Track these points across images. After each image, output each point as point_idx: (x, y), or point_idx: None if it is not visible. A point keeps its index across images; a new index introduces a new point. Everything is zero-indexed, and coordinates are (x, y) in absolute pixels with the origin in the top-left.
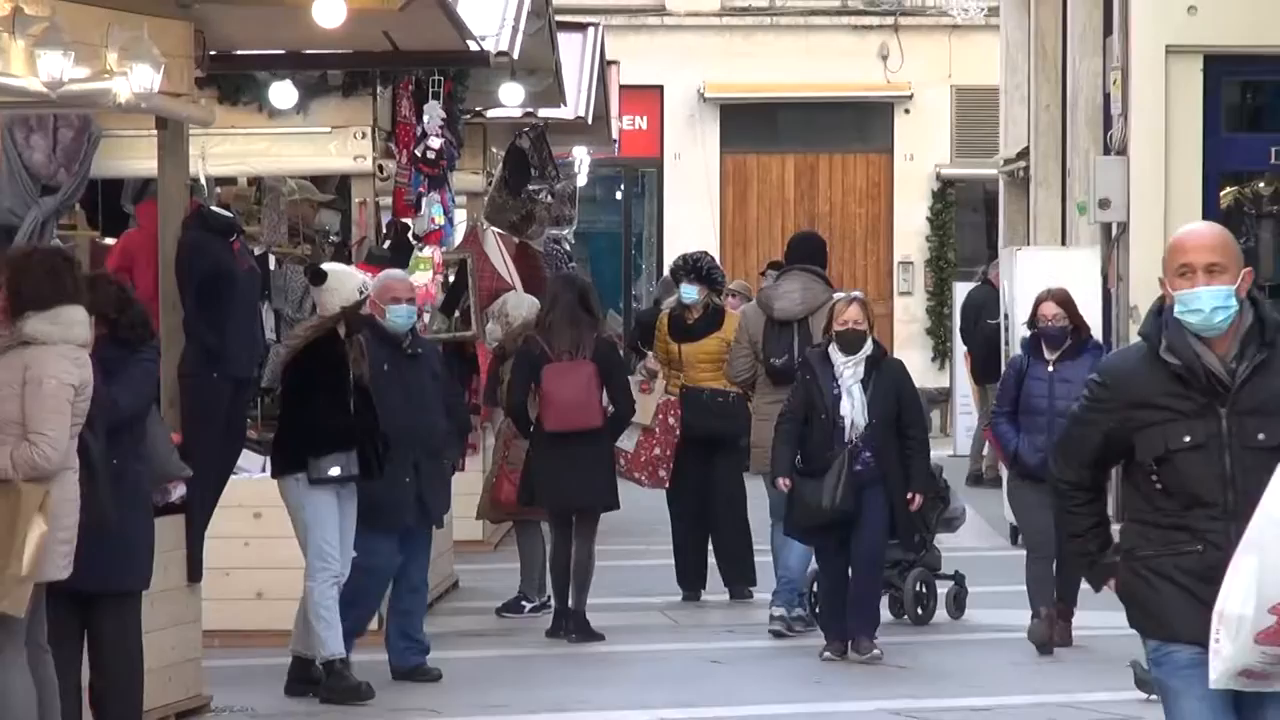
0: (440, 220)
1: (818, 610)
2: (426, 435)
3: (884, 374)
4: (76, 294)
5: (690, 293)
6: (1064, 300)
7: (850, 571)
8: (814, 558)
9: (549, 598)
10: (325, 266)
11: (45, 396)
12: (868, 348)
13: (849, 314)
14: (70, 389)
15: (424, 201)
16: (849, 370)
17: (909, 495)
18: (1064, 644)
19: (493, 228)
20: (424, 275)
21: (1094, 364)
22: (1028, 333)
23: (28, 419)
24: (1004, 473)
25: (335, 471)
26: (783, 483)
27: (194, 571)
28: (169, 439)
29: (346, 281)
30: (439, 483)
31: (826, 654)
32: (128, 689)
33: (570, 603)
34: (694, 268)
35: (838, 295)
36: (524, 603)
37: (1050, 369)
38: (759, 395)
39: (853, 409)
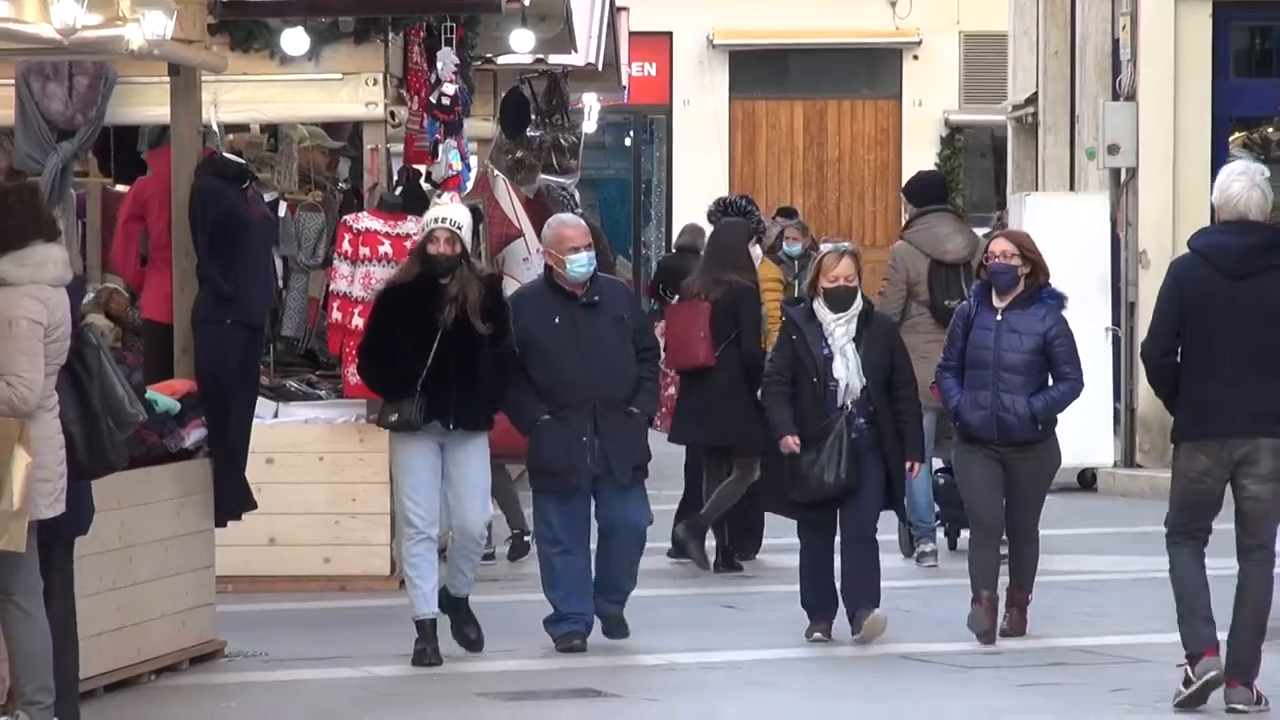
0: (458, 166)
1: (843, 591)
2: (605, 387)
3: (875, 332)
4: (48, 231)
5: None
6: (1020, 240)
7: (845, 545)
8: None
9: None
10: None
11: (17, 338)
12: (858, 304)
13: (839, 269)
14: (39, 327)
15: (441, 148)
16: (840, 329)
17: (908, 464)
18: (1016, 633)
19: (501, 176)
20: None
21: (1049, 315)
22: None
23: (1, 360)
24: None
25: (393, 418)
26: (792, 441)
27: (221, 514)
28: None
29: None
30: (624, 436)
31: (816, 635)
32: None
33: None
34: (728, 211)
35: (825, 247)
36: (526, 539)
37: (999, 318)
38: (917, 334)
39: (847, 371)
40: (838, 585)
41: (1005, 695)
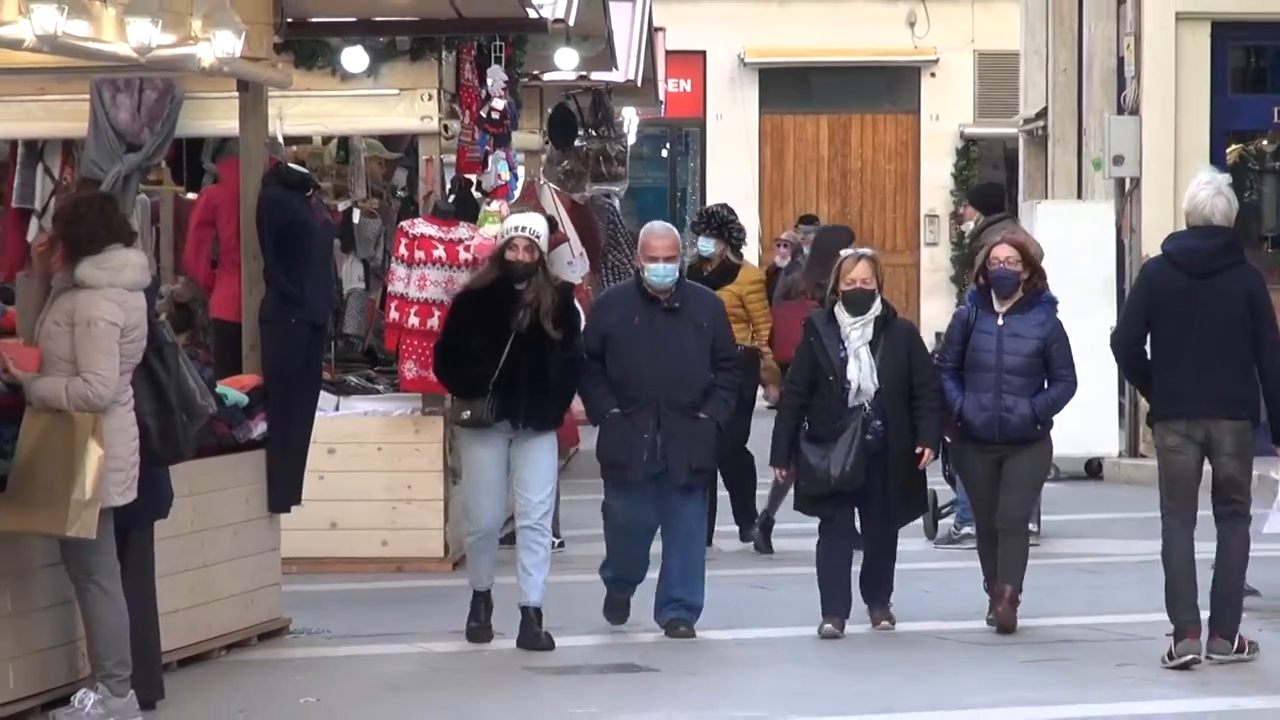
0: (506, 176)
1: (860, 581)
2: (672, 388)
3: (893, 336)
4: (125, 237)
5: (707, 245)
6: (1021, 245)
7: (865, 545)
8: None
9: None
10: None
11: (95, 337)
12: (876, 308)
13: (857, 272)
14: (116, 329)
15: (490, 159)
16: (856, 332)
17: (918, 450)
18: (1005, 627)
19: (549, 183)
20: (492, 228)
21: (1048, 319)
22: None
23: (80, 358)
24: None
25: (465, 415)
26: (778, 473)
27: (276, 503)
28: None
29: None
30: (686, 438)
31: (827, 626)
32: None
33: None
34: (709, 220)
35: (845, 252)
36: (554, 539)
37: (1000, 322)
38: None
39: (860, 373)
40: (854, 585)
41: (1016, 670)
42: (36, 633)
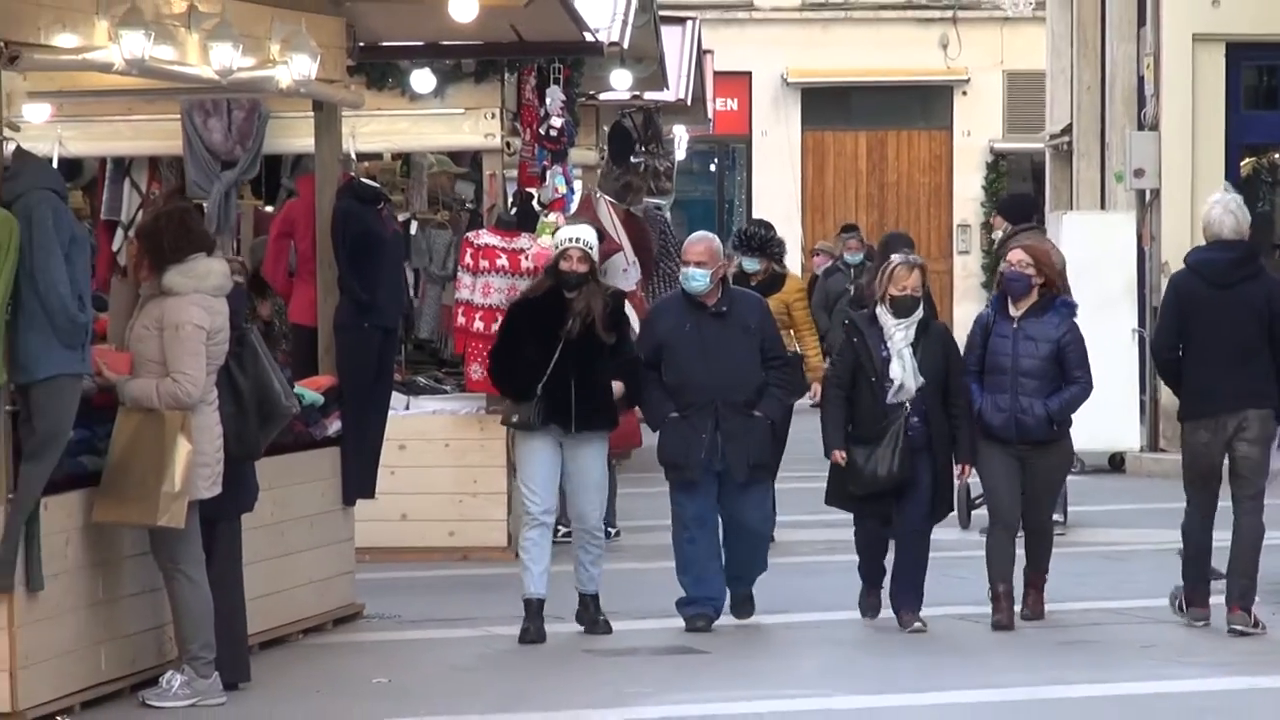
0: (563, 190)
1: (892, 580)
2: (727, 390)
3: (932, 338)
4: (206, 246)
5: (752, 264)
6: (1036, 251)
7: (898, 540)
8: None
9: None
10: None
11: (183, 340)
12: (918, 312)
13: (910, 281)
14: (203, 332)
15: (548, 174)
16: (900, 333)
17: (956, 465)
18: (1036, 616)
19: (604, 196)
20: (548, 238)
21: (1063, 322)
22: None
23: (169, 360)
24: None
25: (515, 419)
26: (838, 455)
27: (350, 496)
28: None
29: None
30: (744, 436)
31: (870, 600)
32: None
33: None
34: (749, 241)
35: (896, 259)
36: (609, 529)
37: (1015, 326)
38: None
39: (903, 371)
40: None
41: (1047, 652)
42: (126, 618)
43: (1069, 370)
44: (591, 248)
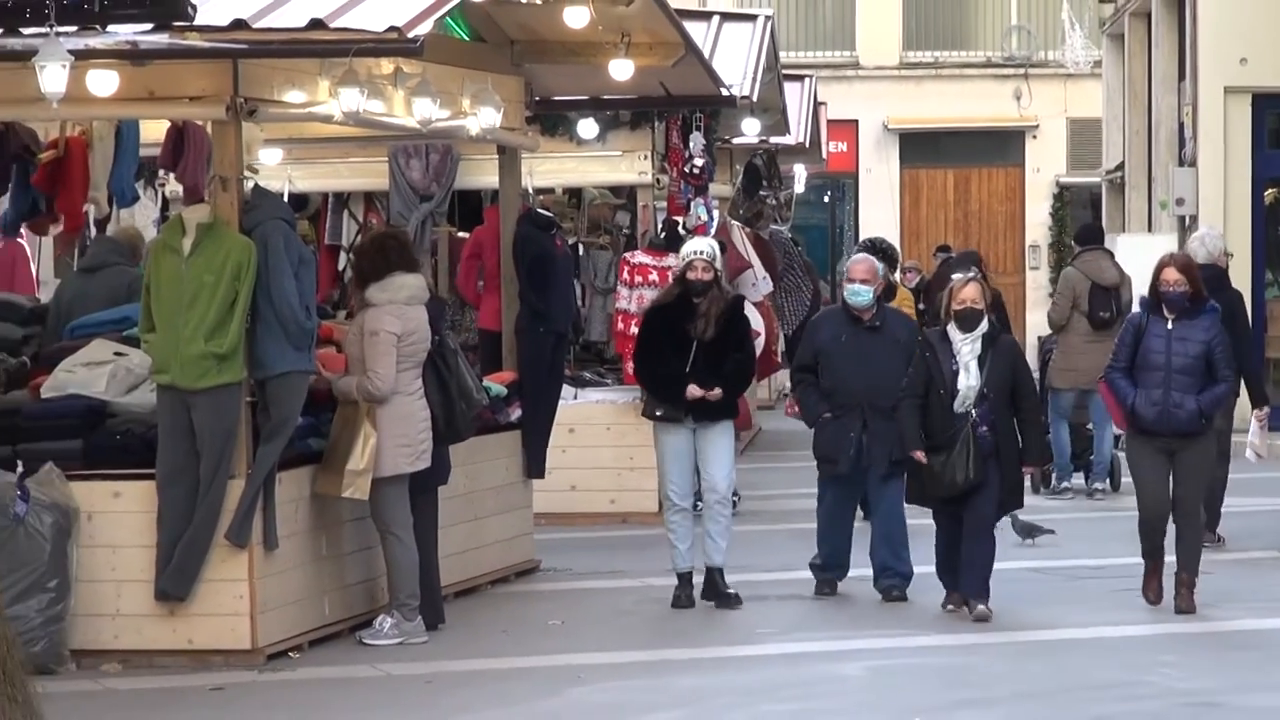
0: (704, 217)
1: (961, 570)
2: (874, 395)
3: (1000, 351)
4: (404, 264)
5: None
6: (1185, 267)
7: (965, 537)
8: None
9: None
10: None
11: (377, 344)
12: (984, 325)
13: (966, 293)
14: (394, 336)
15: (692, 204)
16: (966, 347)
17: (1023, 466)
18: (1188, 611)
19: (737, 222)
20: None
21: (1212, 325)
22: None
23: (366, 360)
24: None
25: (659, 413)
26: (920, 455)
27: (529, 471)
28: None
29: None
30: (887, 437)
31: (948, 606)
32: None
33: None
34: (873, 249)
35: (955, 276)
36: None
37: (1169, 326)
38: (1076, 335)
39: (969, 383)
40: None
41: (1104, 600)
42: (346, 571)
43: (1218, 369)
44: (714, 258)
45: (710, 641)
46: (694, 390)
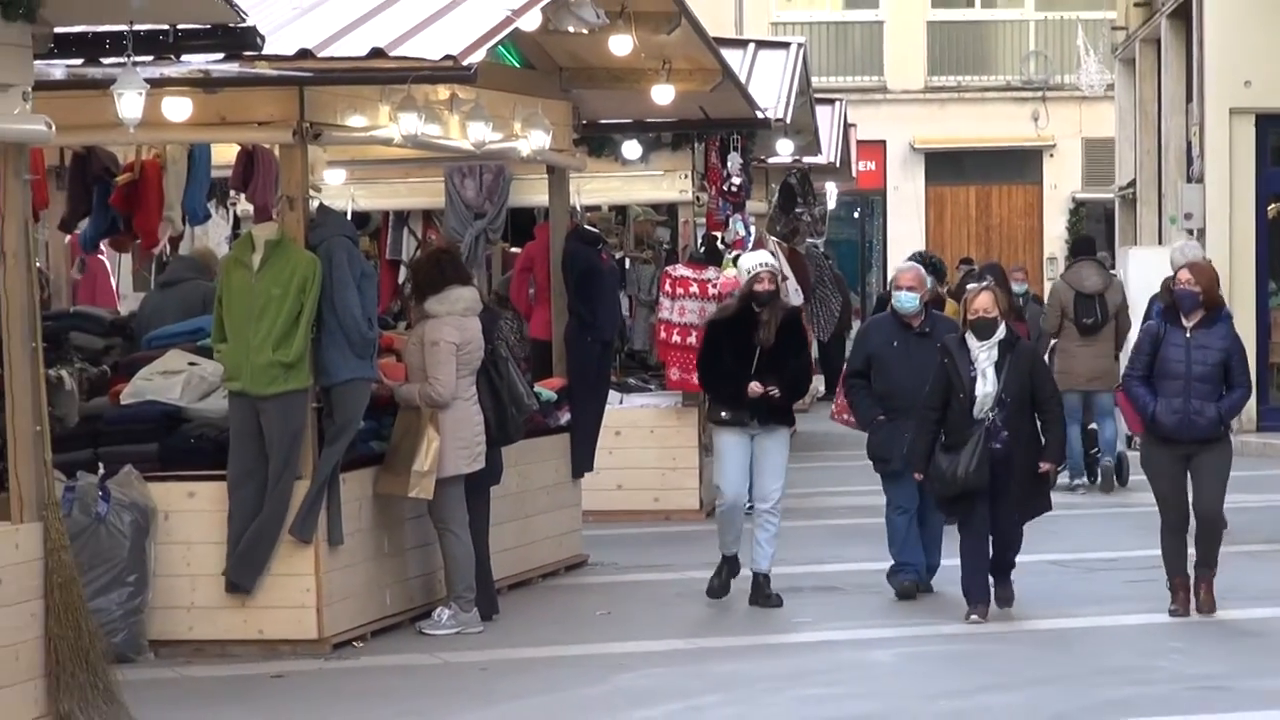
0: (741, 233)
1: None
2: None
3: (1018, 357)
4: (458, 278)
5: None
6: (1198, 270)
7: (994, 536)
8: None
9: None
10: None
11: (437, 353)
12: (1000, 332)
13: (979, 303)
14: (453, 346)
15: (730, 220)
16: (984, 354)
17: (1041, 465)
18: (1208, 611)
19: (773, 237)
20: (731, 270)
21: (1229, 333)
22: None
23: (427, 368)
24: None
25: (724, 415)
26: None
27: (576, 471)
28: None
29: (741, 266)
30: None
31: (973, 617)
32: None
33: None
34: (921, 260)
35: (970, 286)
36: None
37: (1188, 335)
38: (1069, 340)
39: (986, 389)
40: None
41: (1117, 588)
42: (406, 566)
43: (1235, 376)
44: (777, 270)
45: (748, 631)
46: (755, 387)
